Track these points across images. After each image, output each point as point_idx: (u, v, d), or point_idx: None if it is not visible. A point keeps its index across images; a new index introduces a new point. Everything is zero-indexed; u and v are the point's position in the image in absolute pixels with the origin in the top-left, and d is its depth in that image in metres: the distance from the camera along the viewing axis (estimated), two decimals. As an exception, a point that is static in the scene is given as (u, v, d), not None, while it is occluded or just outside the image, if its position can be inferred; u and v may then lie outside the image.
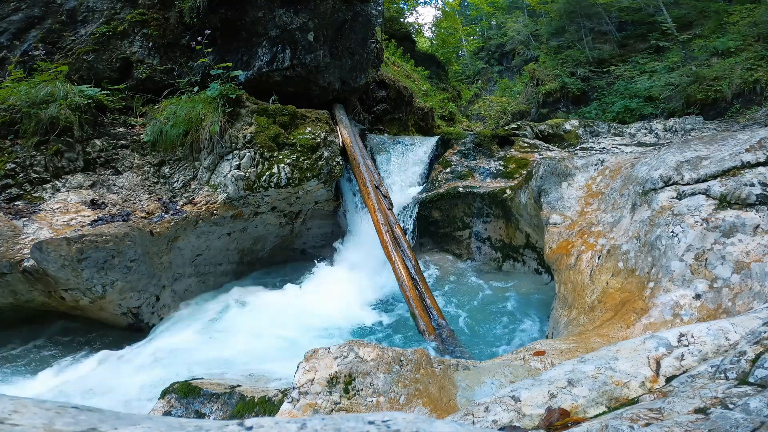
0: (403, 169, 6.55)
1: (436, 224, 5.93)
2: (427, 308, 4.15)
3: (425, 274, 4.89)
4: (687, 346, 1.43)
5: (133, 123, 5.18)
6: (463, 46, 29.58)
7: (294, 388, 1.83)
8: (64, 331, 4.10)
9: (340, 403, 1.76)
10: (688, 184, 2.88)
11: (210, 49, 5.22)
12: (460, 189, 5.76)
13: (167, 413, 2.59)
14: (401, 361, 1.94)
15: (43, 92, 4.53)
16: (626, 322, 2.45)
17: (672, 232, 2.66)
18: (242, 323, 4.26)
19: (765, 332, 1.28)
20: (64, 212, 4.12)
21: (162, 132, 4.91)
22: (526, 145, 6.75)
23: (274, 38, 5.79)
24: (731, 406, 0.98)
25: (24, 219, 3.91)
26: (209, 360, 3.52)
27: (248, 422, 0.48)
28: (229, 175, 4.82)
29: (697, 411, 1.00)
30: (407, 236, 5.25)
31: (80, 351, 3.88)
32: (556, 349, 2.20)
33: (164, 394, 2.71)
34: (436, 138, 7.05)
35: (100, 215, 4.20)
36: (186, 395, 2.64)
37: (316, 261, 5.52)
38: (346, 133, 5.99)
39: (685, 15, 13.85)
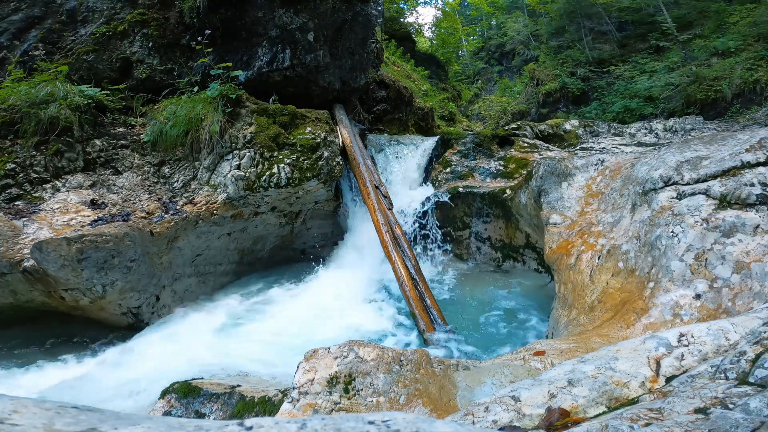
0: (403, 169, 6.54)
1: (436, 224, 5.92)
2: (427, 308, 4.15)
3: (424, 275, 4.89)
4: (687, 346, 1.43)
5: (133, 123, 5.18)
6: (463, 46, 29.59)
7: (294, 388, 1.83)
8: (64, 331, 4.10)
9: (340, 403, 1.76)
10: (688, 184, 2.88)
11: (210, 49, 5.21)
12: (460, 189, 5.76)
13: (167, 413, 2.59)
14: (401, 361, 1.94)
15: (43, 92, 4.52)
16: (626, 322, 2.45)
17: (672, 232, 2.66)
18: (241, 323, 4.26)
19: (765, 332, 1.28)
20: (64, 212, 4.12)
21: (162, 132, 4.91)
22: (526, 145, 6.75)
23: (274, 38, 5.78)
24: (731, 406, 0.98)
25: (24, 219, 3.91)
26: (209, 359, 3.52)
27: (248, 422, 0.48)
28: (229, 175, 4.82)
29: (697, 411, 1.00)
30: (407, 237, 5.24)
31: (80, 351, 3.88)
32: (556, 349, 2.20)
33: (164, 394, 2.71)
34: (436, 138, 7.05)
35: (100, 215, 4.20)
36: (186, 395, 2.64)
37: (315, 261, 5.52)
38: (346, 133, 5.99)
39: (685, 15, 13.86)
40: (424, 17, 68.19)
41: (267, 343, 3.84)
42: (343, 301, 4.61)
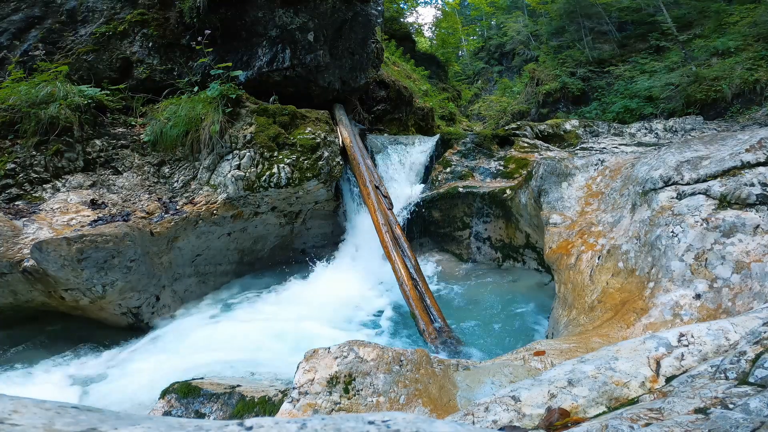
0: (403, 169, 6.54)
1: (436, 224, 5.92)
2: (427, 308, 4.14)
3: (425, 275, 4.89)
4: (687, 346, 1.43)
5: (133, 123, 5.18)
6: (463, 46, 29.61)
7: (294, 388, 1.83)
8: (64, 331, 4.10)
9: (340, 403, 1.76)
10: (688, 184, 2.88)
11: (210, 49, 5.21)
12: (460, 189, 5.76)
13: (167, 413, 2.59)
14: (401, 361, 1.94)
15: (43, 92, 4.52)
16: (626, 322, 2.45)
17: (672, 232, 2.66)
18: (241, 323, 4.26)
19: (765, 332, 1.28)
20: (64, 212, 4.12)
21: (162, 132, 4.91)
22: (526, 145, 6.75)
23: (274, 38, 5.79)
24: (731, 406, 0.98)
25: (24, 219, 3.91)
26: (209, 359, 3.52)
27: (248, 422, 0.48)
28: (229, 175, 4.82)
29: (697, 411, 1.00)
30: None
31: (80, 351, 3.88)
32: (556, 349, 2.20)
33: (164, 394, 2.71)
34: (436, 138, 7.04)
35: (100, 215, 4.20)
36: (186, 395, 2.64)
37: (316, 261, 5.52)
38: (346, 133, 5.99)
39: (685, 15, 13.87)
40: (424, 17, 68.23)
41: (266, 342, 3.83)
42: (344, 299, 4.61)
